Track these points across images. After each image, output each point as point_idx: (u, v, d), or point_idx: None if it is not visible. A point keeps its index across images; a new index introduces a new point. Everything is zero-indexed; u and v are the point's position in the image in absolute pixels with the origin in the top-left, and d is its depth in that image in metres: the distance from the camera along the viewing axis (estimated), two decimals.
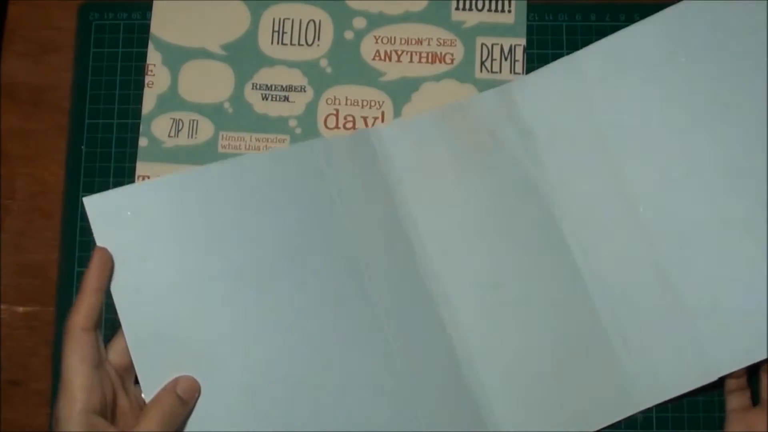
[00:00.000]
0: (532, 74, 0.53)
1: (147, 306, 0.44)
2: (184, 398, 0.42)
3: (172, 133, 0.54)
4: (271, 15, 0.55)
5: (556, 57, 0.54)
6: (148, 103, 0.54)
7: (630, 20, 0.55)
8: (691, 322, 0.49)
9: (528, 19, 0.55)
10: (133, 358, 0.43)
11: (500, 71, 0.54)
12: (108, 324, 0.48)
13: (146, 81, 0.54)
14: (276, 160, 0.49)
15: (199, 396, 0.44)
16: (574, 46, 0.55)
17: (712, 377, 0.49)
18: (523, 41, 0.55)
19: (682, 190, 0.50)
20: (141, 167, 0.53)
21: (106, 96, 0.55)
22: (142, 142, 0.54)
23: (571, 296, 0.50)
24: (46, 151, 0.55)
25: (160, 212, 0.46)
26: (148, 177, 0.53)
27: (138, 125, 0.54)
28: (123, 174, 0.54)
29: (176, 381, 0.43)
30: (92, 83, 0.55)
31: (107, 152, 0.54)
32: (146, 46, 0.55)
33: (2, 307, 0.53)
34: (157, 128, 0.54)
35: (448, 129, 0.52)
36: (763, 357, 0.48)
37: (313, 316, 0.47)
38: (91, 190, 0.53)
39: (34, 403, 0.52)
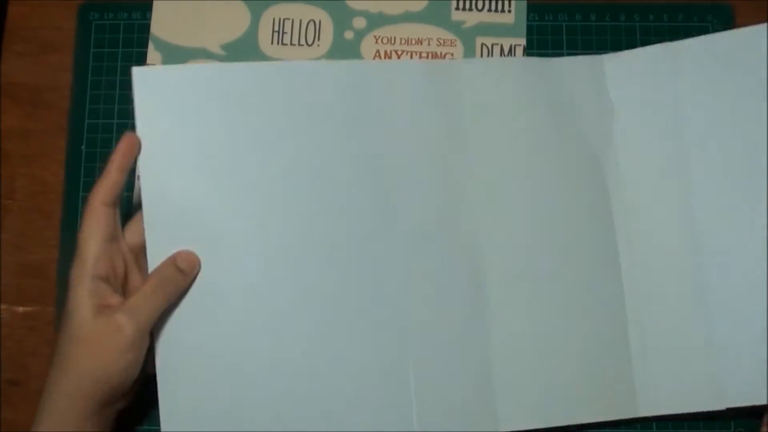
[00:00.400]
0: (628, 51, 0.52)
1: (169, 185, 0.46)
2: (183, 270, 0.45)
3: None
4: (271, 15, 0.55)
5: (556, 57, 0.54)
6: None
7: (630, 20, 0.55)
8: (716, 345, 0.48)
9: (528, 19, 0.55)
10: (145, 230, 0.45)
11: None
12: (124, 202, 0.50)
13: None
14: (330, 71, 0.49)
15: (198, 270, 0.45)
16: (574, 46, 0.55)
17: (721, 406, 0.48)
18: (523, 41, 0.55)
19: (743, 208, 0.49)
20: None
21: (106, 96, 0.55)
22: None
23: (602, 282, 0.49)
24: (46, 151, 0.55)
25: (201, 96, 0.47)
26: None
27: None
28: None
29: (177, 254, 0.45)
30: (92, 83, 0.55)
31: (107, 152, 0.53)
32: (146, 46, 0.55)
33: (2, 307, 0.53)
34: None
35: (527, 79, 0.51)
36: None
37: (332, 235, 0.47)
38: None
39: (34, 403, 0.52)
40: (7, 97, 0.55)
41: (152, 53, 0.55)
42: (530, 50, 0.55)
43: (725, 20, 0.55)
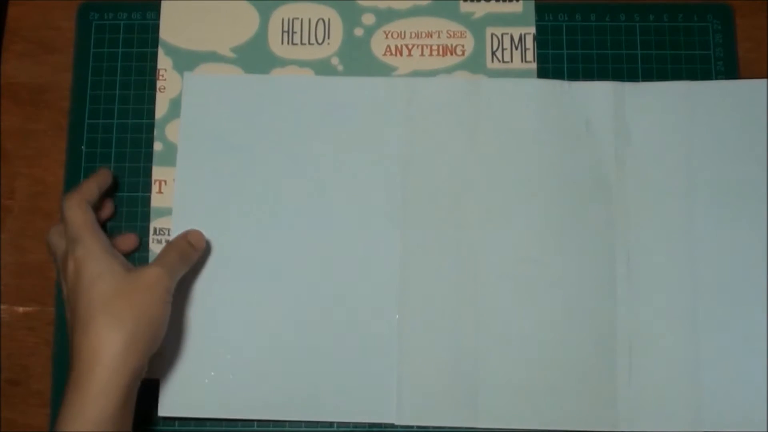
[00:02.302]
0: (650, 83, 0.53)
1: (201, 180, 0.52)
2: (193, 245, 0.50)
3: None
4: (280, 15, 0.55)
5: (556, 57, 0.55)
6: (161, 107, 0.54)
7: (630, 20, 0.55)
8: (701, 370, 0.49)
9: None
10: (173, 219, 0.52)
11: (511, 60, 0.54)
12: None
13: (158, 86, 0.54)
14: (360, 86, 0.53)
15: (204, 249, 0.51)
16: (574, 46, 0.55)
17: (700, 428, 0.49)
18: (532, 29, 0.55)
19: (742, 245, 0.51)
20: (157, 172, 0.53)
21: (106, 96, 0.55)
22: (157, 146, 0.53)
23: (597, 298, 0.51)
24: (46, 151, 0.55)
25: (240, 104, 0.53)
26: (165, 182, 0.53)
27: (139, 125, 0.54)
28: (123, 174, 0.54)
29: (188, 232, 0.50)
30: (92, 83, 0.55)
31: (107, 152, 0.54)
32: (146, 46, 0.55)
33: (2, 307, 0.53)
34: (171, 132, 0.54)
35: (544, 100, 0.52)
36: (763, 430, 0.49)
37: (335, 243, 0.51)
38: None
39: (34, 403, 0.52)
40: (7, 97, 0.55)
41: (162, 58, 0.55)
42: None
43: (725, 20, 0.55)
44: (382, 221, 0.52)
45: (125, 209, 0.53)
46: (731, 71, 0.54)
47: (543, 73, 0.54)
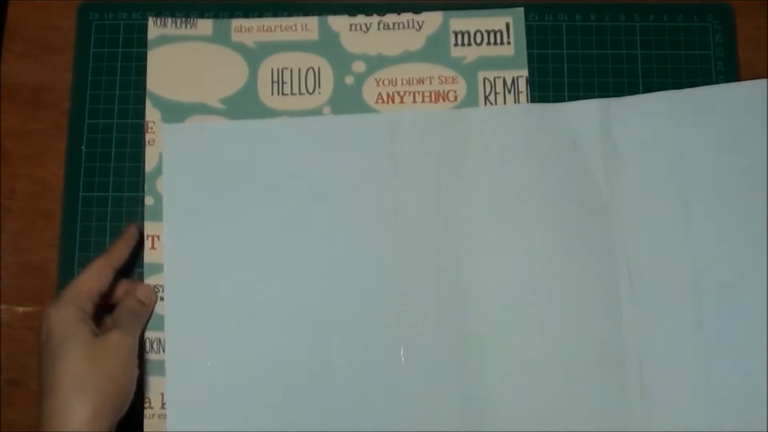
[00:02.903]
0: (634, 97, 0.53)
1: (190, 227, 0.51)
2: (145, 302, 0.50)
3: None
4: (269, 65, 0.54)
5: (556, 57, 0.54)
6: (151, 160, 0.53)
7: (630, 20, 0.55)
8: (712, 380, 0.49)
9: (528, 19, 0.55)
10: (165, 270, 0.51)
11: (505, 104, 0.53)
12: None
13: (147, 138, 0.53)
14: (341, 125, 0.53)
15: (155, 303, 0.51)
16: (574, 46, 0.55)
17: None
18: (525, 72, 0.54)
19: (742, 251, 0.50)
20: (149, 227, 0.52)
21: (106, 96, 0.55)
22: (148, 200, 0.52)
23: (601, 315, 0.50)
24: (46, 151, 0.55)
25: (221, 150, 0.52)
26: (158, 237, 0.52)
27: (139, 125, 0.54)
28: (123, 174, 0.54)
29: (135, 287, 0.50)
30: (92, 83, 0.55)
31: (107, 152, 0.54)
32: (146, 47, 0.55)
33: (2, 307, 0.53)
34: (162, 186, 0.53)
35: (529, 125, 0.52)
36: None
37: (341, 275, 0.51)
38: (91, 190, 0.53)
39: (34, 403, 0.52)
40: (7, 97, 0.55)
41: (150, 110, 0.53)
42: (530, 50, 0.55)
43: (725, 20, 0.55)
44: (378, 261, 0.51)
45: (125, 209, 0.53)
46: (731, 71, 0.54)
47: (543, 73, 0.54)
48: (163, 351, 0.51)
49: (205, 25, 0.54)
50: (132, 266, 0.52)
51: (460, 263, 0.51)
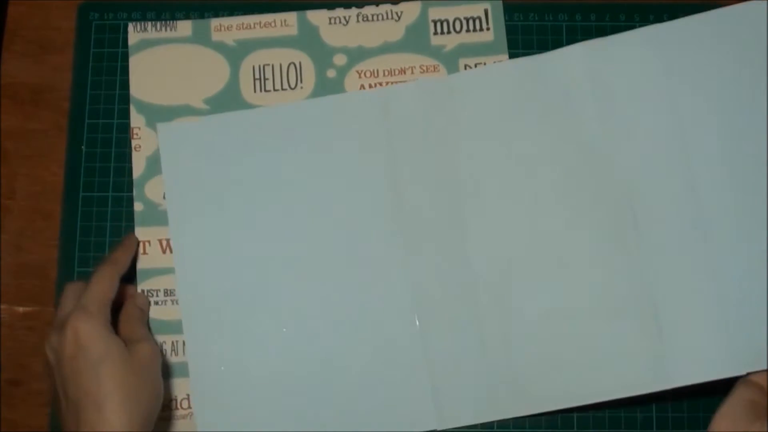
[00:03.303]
0: (618, 35, 0.52)
1: (193, 224, 0.52)
2: (143, 308, 0.51)
3: None
4: (250, 63, 0.54)
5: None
6: (138, 166, 0.53)
7: (630, 20, 0.55)
8: (729, 314, 0.49)
9: (528, 20, 0.55)
10: (175, 266, 0.52)
11: None
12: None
13: (133, 144, 0.53)
14: (332, 105, 0.53)
15: (149, 306, 0.52)
16: None
17: (741, 371, 0.48)
18: (505, 57, 0.54)
19: (747, 180, 0.50)
20: (140, 233, 0.52)
21: (106, 96, 0.55)
22: (138, 206, 0.53)
23: (611, 260, 0.50)
24: (46, 151, 0.55)
25: (216, 143, 0.52)
26: (149, 242, 0.52)
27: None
28: (123, 174, 0.54)
29: (133, 296, 0.51)
30: (92, 83, 0.55)
31: (107, 152, 0.54)
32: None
33: (2, 307, 0.53)
34: (151, 191, 0.53)
35: (520, 79, 0.52)
36: None
37: (344, 258, 0.51)
38: (91, 190, 0.53)
39: (34, 403, 0.52)
40: (7, 97, 0.55)
41: (135, 117, 0.53)
42: (530, 51, 0.55)
43: None
44: (384, 231, 0.51)
45: (125, 209, 0.53)
46: None
47: None
48: (181, 353, 0.51)
49: (185, 26, 0.55)
50: (132, 273, 0.52)
51: (466, 225, 0.51)
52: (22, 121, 0.55)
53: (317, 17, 0.55)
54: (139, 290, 0.52)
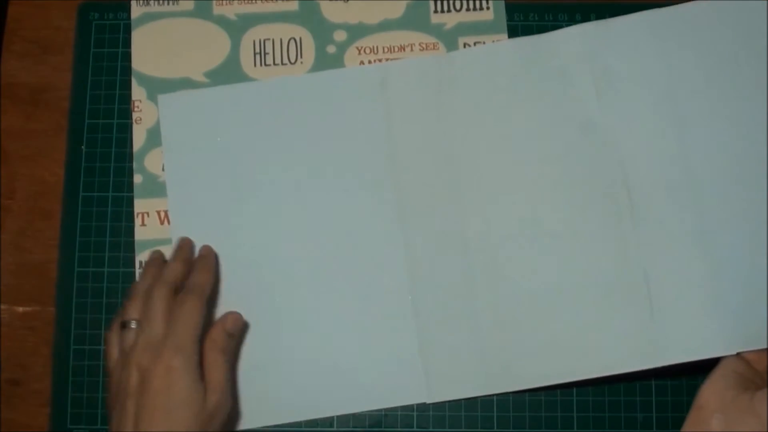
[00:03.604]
0: (618, 18, 0.53)
1: (194, 197, 0.52)
2: (232, 333, 0.49)
3: None
4: (250, 37, 0.55)
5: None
6: (138, 138, 0.54)
7: None
8: (721, 293, 0.49)
9: (528, 20, 0.55)
10: (172, 238, 0.52)
11: None
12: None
13: (134, 117, 0.54)
14: (332, 79, 0.54)
15: (246, 329, 0.50)
16: None
17: (732, 350, 0.48)
18: (504, 37, 0.55)
19: (743, 161, 0.50)
20: (139, 204, 0.53)
21: (106, 96, 0.55)
22: (137, 178, 0.53)
23: (604, 239, 0.50)
24: (46, 151, 0.55)
25: (218, 115, 0.53)
26: (147, 214, 0.53)
27: None
28: (123, 174, 0.54)
29: (223, 318, 0.49)
30: (92, 83, 0.55)
31: (107, 152, 0.54)
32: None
33: (2, 307, 0.53)
34: (151, 163, 0.53)
35: (518, 59, 0.52)
36: None
37: (340, 227, 0.52)
38: (91, 190, 0.53)
39: (34, 403, 0.52)
40: (7, 97, 0.55)
41: (136, 89, 0.54)
42: None
43: None
44: (379, 210, 0.52)
45: (125, 209, 0.53)
46: None
47: None
48: None
49: (187, 1, 0.55)
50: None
51: (462, 201, 0.51)
52: (22, 121, 0.55)
53: None
54: (137, 261, 0.52)
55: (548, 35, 0.53)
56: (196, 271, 0.49)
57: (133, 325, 0.46)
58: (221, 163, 0.52)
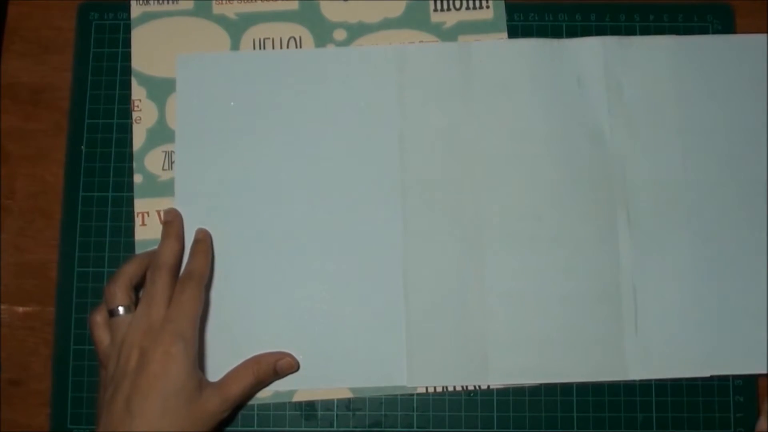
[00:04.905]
0: (639, 37, 0.54)
1: (200, 159, 0.53)
2: (279, 373, 0.50)
3: (166, 166, 0.53)
4: (250, 36, 0.55)
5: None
6: (138, 138, 0.54)
7: (630, 20, 0.55)
8: (706, 313, 0.50)
9: (528, 20, 0.55)
10: (176, 203, 0.52)
11: None
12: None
13: (134, 117, 0.54)
14: (349, 55, 0.54)
15: (294, 371, 0.51)
16: None
17: (708, 372, 0.50)
18: (504, 35, 0.55)
19: (738, 191, 0.52)
20: (139, 204, 0.53)
21: (106, 96, 0.55)
22: (137, 178, 0.53)
23: (599, 247, 0.51)
24: (46, 151, 0.55)
25: (232, 79, 0.53)
26: (147, 214, 0.53)
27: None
28: (123, 174, 0.54)
29: (281, 357, 0.50)
30: (92, 83, 0.55)
31: (107, 152, 0.54)
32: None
33: (2, 307, 0.53)
34: (151, 163, 0.53)
35: (536, 60, 0.53)
36: (763, 372, 0.49)
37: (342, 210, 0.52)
38: (91, 190, 0.53)
39: (34, 403, 0.52)
40: (7, 97, 0.55)
41: (136, 89, 0.54)
42: None
43: (725, 20, 0.55)
44: (383, 189, 0.52)
45: (125, 209, 0.53)
46: None
47: None
48: None
49: (187, 0, 0.55)
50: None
51: (463, 193, 0.52)
52: (22, 121, 0.55)
53: None
54: None
55: (569, 41, 0.53)
56: (194, 256, 0.50)
57: (121, 311, 0.46)
58: (232, 127, 0.53)
